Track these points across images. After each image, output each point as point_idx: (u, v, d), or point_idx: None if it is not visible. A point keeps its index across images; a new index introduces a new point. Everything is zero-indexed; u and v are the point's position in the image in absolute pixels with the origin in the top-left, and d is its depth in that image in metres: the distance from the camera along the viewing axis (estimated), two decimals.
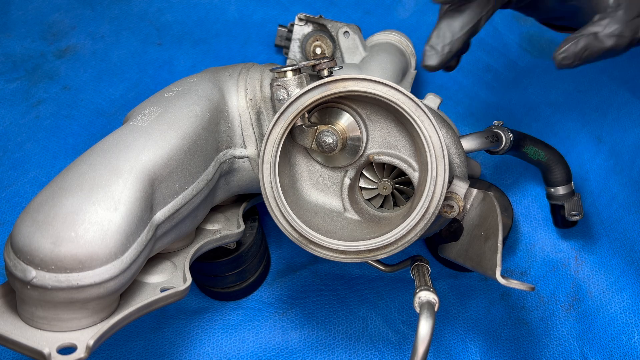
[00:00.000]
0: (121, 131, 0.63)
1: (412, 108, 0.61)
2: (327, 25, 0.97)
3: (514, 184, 1.01)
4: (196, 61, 1.15)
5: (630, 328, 0.85)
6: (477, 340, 0.88)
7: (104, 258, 0.53)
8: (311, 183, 0.73)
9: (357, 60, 0.95)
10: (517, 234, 0.97)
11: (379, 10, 1.18)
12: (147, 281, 0.65)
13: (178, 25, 1.18)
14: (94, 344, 0.52)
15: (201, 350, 0.86)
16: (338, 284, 0.93)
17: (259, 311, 0.91)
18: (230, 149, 0.74)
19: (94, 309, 0.56)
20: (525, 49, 1.13)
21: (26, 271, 0.52)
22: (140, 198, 0.57)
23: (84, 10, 1.18)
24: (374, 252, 0.63)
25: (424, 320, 0.56)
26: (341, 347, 0.87)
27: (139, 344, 0.86)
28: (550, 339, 0.88)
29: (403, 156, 0.69)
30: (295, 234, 0.65)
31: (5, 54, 1.13)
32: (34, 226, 0.52)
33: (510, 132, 0.82)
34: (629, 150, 0.97)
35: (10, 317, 0.56)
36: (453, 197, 0.68)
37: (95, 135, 1.04)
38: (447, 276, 0.94)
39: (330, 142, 0.67)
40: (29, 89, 1.09)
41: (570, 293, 0.91)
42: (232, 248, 0.83)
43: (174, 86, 0.73)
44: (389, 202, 0.75)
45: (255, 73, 0.75)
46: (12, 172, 1.00)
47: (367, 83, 0.61)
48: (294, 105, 0.62)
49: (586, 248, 0.94)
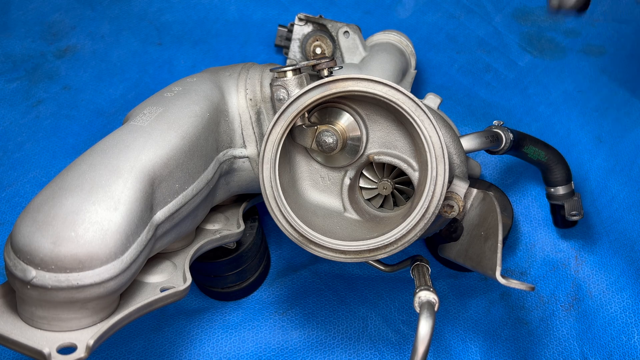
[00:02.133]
0: (121, 131, 0.63)
1: (412, 108, 0.61)
2: (327, 25, 0.97)
3: (514, 184, 1.01)
4: (196, 61, 1.15)
5: (630, 328, 0.85)
6: (477, 340, 0.88)
7: (104, 258, 0.53)
8: (311, 183, 0.73)
9: (357, 60, 0.95)
10: (517, 234, 0.97)
11: (379, 10, 1.18)
12: (147, 281, 0.65)
13: (178, 25, 1.18)
14: (94, 344, 0.52)
15: (201, 350, 0.86)
16: (338, 284, 0.93)
17: (259, 311, 0.91)
18: (230, 149, 0.74)
19: (94, 308, 0.56)
20: (525, 49, 1.13)
21: (26, 271, 0.52)
22: (140, 198, 0.57)
23: (84, 10, 1.18)
24: (374, 252, 0.63)
25: (424, 320, 0.56)
26: (341, 347, 0.87)
27: (139, 344, 0.86)
28: (550, 339, 0.88)
29: (403, 156, 0.69)
30: (295, 234, 0.65)
31: (5, 54, 1.13)
32: (34, 226, 0.52)
33: (510, 132, 0.82)
34: (629, 150, 0.97)
35: (10, 317, 0.56)
36: (453, 197, 0.68)
37: (95, 135, 1.04)
38: (447, 276, 0.94)
39: (330, 142, 0.67)
40: (29, 89, 1.09)
41: (570, 293, 0.91)
42: (232, 248, 0.83)
43: (174, 86, 0.73)
44: (389, 202, 0.75)
45: (255, 73, 0.75)
46: (12, 172, 1.00)
47: (367, 83, 0.61)
48: (294, 105, 0.63)
49: (586, 248, 0.95)
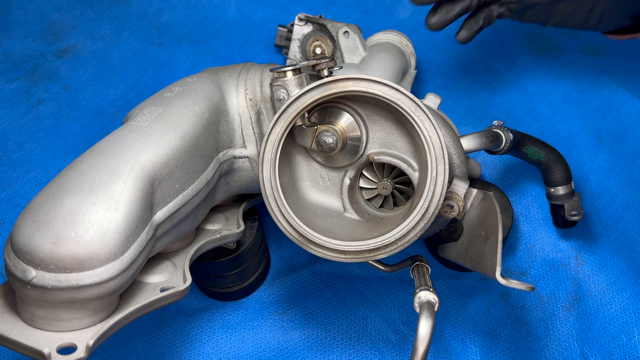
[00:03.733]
0: (121, 131, 0.63)
1: (412, 108, 0.61)
2: (327, 25, 0.97)
3: (514, 184, 1.01)
4: (196, 61, 1.15)
5: (631, 328, 0.85)
6: (477, 340, 0.88)
7: (104, 258, 0.53)
8: (311, 183, 0.73)
9: (357, 60, 0.95)
10: (517, 234, 0.97)
11: (379, 10, 1.18)
12: (147, 281, 0.65)
13: (178, 25, 1.18)
14: (94, 344, 0.52)
15: (201, 350, 0.86)
16: (338, 284, 0.93)
17: (259, 311, 0.91)
18: (230, 149, 0.74)
19: (94, 308, 0.56)
20: (525, 49, 1.13)
21: (26, 271, 0.52)
22: (140, 198, 0.57)
23: (84, 10, 1.18)
24: (374, 252, 0.63)
25: (424, 320, 0.56)
26: (341, 347, 0.87)
27: (139, 344, 0.86)
28: (550, 339, 0.88)
29: (403, 156, 0.69)
30: (295, 234, 0.65)
31: (5, 54, 1.13)
32: (34, 226, 0.52)
33: (510, 132, 0.82)
34: (629, 150, 0.97)
35: (10, 317, 0.56)
36: (453, 197, 0.68)
37: (95, 135, 1.04)
38: (447, 276, 0.94)
39: (330, 142, 0.67)
40: (29, 89, 1.09)
41: (571, 293, 0.91)
42: (232, 248, 0.83)
43: (174, 86, 0.73)
44: (389, 202, 0.75)
45: (255, 73, 0.75)
46: (12, 172, 1.00)
47: (367, 83, 0.61)
48: (294, 105, 0.62)
49: (586, 248, 0.94)
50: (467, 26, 0.81)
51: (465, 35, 0.81)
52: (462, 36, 0.81)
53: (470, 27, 0.81)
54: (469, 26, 0.81)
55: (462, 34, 0.81)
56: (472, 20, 0.81)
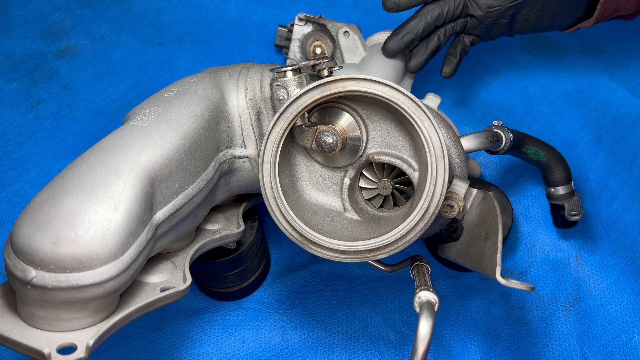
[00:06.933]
0: (121, 131, 0.63)
1: (412, 108, 0.61)
2: (327, 25, 0.97)
3: (514, 184, 1.01)
4: (196, 61, 1.15)
5: (631, 328, 0.85)
6: (477, 340, 0.88)
7: (104, 258, 0.53)
8: (311, 183, 0.73)
9: (357, 60, 0.95)
10: (517, 234, 0.97)
11: (379, 10, 1.18)
12: (147, 281, 0.65)
13: (178, 25, 1.18)
14: (94, 344, 0.52)
15: (201, 350, 0.86)
16: (338, 284, 0.93)
17: (259, 311, 0.91)
18: (230, 149, 0.74)
19: (94, 308, 0.56)
20: (525, 49, 1.13)
21: (26, 271, 0.52)
22: (140, 198, 0.57)
23: (84, 10, 1.18)
24: (374, 252, 0.63)
25: (424, 320, 0.56)
26: (341, 347, 0.87)
27: (139, 344, 0.86)
28: (550, 339, 0.88)
29: (403, 156, 0.69)
30: (295, 234, 0.65)
31: (5, 54, 1.13)
32: (34, 226, 0.52)
33: (510, 132, 0.82)
34: (629, 150, 0.97)
35: (10, 317, 0.56)
36: (453, 197, 0.68)
37: (95, 135, 1.04)
38: (447, 276, 0.94)
39: (330, 142, 0.67)
40: (29, 89, 1.09)
41: (571, 293, 0.91)
42: (232, 248, 0.83)
43: (174, 86, 0.73)
44: (389, 202, 0.75)
45: (255, 73, 0.75)
46: (12, 172, 1.00)
47: (367, 83, 0.61)
48: (294, 105, 0.62)
49: (586, 248, 0.94)
50: (448, 62, 0.91)
51: (449, 70, 0.91)
52: (446, 72, 0.91)
53: (450, 62, 0.90)
54: (449, 61, 0.90)
55: (445, 70, 0.91)
56: (450, 55, 0.90)
